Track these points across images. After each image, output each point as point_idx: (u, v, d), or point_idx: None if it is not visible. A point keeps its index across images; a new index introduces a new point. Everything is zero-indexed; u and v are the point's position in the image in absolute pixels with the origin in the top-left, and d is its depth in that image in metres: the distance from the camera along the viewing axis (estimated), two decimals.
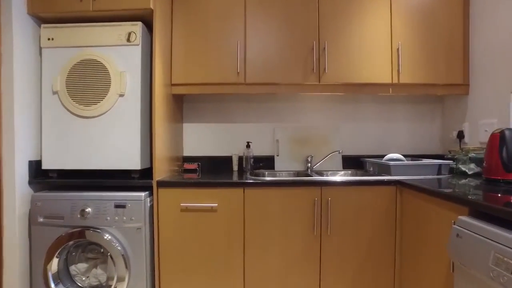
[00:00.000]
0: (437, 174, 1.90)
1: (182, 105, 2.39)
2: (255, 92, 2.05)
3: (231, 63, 2.04)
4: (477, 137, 2.05)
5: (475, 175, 1.88)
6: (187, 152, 2.40)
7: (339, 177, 1.92)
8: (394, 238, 1.78)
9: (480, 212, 1.18)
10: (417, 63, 2.07)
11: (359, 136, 2.38)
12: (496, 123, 1.91)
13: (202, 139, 2.40)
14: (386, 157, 2.11)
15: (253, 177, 1.87)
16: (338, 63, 2.04)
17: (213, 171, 2.25)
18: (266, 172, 2.23)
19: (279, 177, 2.16)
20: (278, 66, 2.05)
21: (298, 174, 2.22)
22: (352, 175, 2.22)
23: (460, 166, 1.95)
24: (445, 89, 2.12)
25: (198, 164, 2.25)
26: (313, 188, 1.75)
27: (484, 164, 1.62)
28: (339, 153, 2.20)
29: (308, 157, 2.25)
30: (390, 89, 2.08)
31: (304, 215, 1.76)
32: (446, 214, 1.34)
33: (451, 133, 2.28)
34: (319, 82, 2.03)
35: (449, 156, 2.09)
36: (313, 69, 2.03)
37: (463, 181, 1.68)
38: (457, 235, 1.16)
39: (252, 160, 2.28)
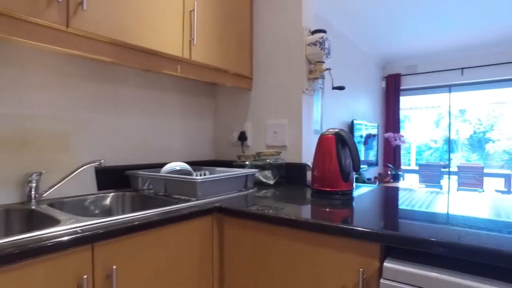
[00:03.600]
0: (244, 188, 1.44)
1: None
2: None
3: None
4: (264, 139, 1.79)
5: (277, 185, 1.58)
6: None
7: (127, 217, 1.01)
8: None
9: (396, 251, 0.79)
10: (211, 40, 1.52)
11: (119, 137, 1.49)
12: (286, 124, 1.71)
13: None
14: (167, 168, 1.40)
15: None
16: (110, 4, 1.11)
17: None
18: None
19: None
20: None
21: (9, 219, 1.04)
22: (136, 204, 1.33)
23: (257, 175, 1.60)
24: (234, 79, 1.71)
25: None
26: (73, 254, 0.77)
27: (315, 172, 1.32)
28: (100, 165, 1.24)
29: (30, 177, 1.12)
30: (179, 67, 1.40)
31: None
32: (342, 259, 0.88)
33: (231, 135, 1.91)
34: (68, 26, 1.01)
35: (239, 163, 1.69)
36: None
37: (285, 194, 1.31)
38: None
39: None
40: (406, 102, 5.79)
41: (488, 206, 1.11)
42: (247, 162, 1.66)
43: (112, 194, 1.32)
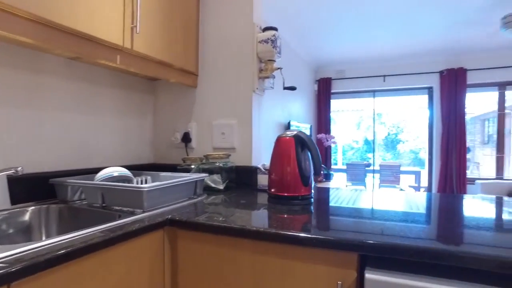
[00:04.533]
0: (194, 195, 1.30)
1: None
2: None
3: None
4: (211, 140, 1.66)
5: (228, 190, 1.47)
6: None
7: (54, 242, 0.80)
8: None
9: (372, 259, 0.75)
10: (155, 30, 1.35)
11: (42, 138, 1.23)
12: (235, 124, 1.61)
13: None
14: (103, 175, 1.20)
15: None
16: None
17: None
18: None
19: None
20: None
21: None
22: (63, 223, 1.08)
23: (205, 180, 1.47)
24: (179, 75, 1.55)
25: None
26: None
27: (272, 176, 1.24)
28: (16, 173, 0.98)
29: None
30: (118, 58, 1.20)
31: None
32: (318, 271, 0.81)
33: (174, 136, 1.74)
34: None
35: (184, 167, 1.54)
36: None
37: (243, 202, 1.21)
38: None
39: None
40: (332, 105, 6.10)
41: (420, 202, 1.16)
42: (193, 166, 1.52)
43: (33, 208, 1.07)
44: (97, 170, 1.26)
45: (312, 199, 1.25)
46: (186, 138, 1.69)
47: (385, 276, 0.71)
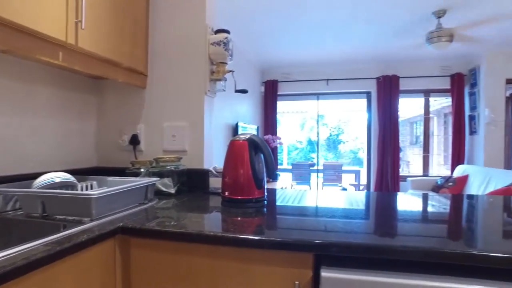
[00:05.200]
0: (145, 200, 1.25)
1: None
2: None
3: None
4: (161, 143, 1.61)
5: (179, 194, 1.44)
6: None
7: None
8: None
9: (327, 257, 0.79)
10: (102, 26, 1.27)
11: None
12: (187, 126, 1.58)
13: None
14: (42, 181, 1.10)
15: None
16: None
17: None
18: None
19: None
20: None
21: None
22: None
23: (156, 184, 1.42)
24: (127, 74, 1.48)
25: None
26: None
27: (226, 179, 1.23)
28: None
29: None
30: (61, 54, 1.11)
31: None
32: (275, 273, 0.82)
33: (121, 138, 1.65)
34: None
35: (133, 170, 1.47)
36: None
37: (196, 204, 1.19)
38: None
39: None
40: (278, 106, 6.26)
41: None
42: (142, 170, 1.46)
43: None
44: (33, 175, 1.16)
45: (266, 201, 1.27)
46: (135, 141, 1.62)
47: (339, 274, 0.75)
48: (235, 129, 4.22)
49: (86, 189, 1.31)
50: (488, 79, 4.67)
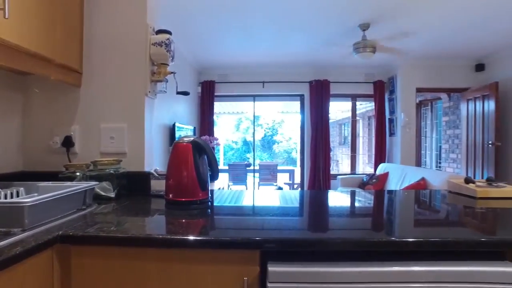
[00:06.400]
0: (84, 206, 1.18)
1: None
2: None
3: None
4: (98, 145, 1.54)
5: (120, 198, 1.39)
6: None
7: None
8: None
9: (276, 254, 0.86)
10: (30, 16, 1.17)
11: None
12: (126, 128, 1.53)
13: None
14: None
15: None
16: None
17: None
18: None
19: None
20: None
21: None
22: None
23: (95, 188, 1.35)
24: (60, 72, 1.38)
25: None
26: None
27: (170, 182, 1.23)
28: None
29: None
30: None
31: None
32: (224, 271, 0.86)
33: (52, 139, 1.53)
34: None
35: (67, 174, 1.38)
36: None
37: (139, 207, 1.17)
38: None
39: None
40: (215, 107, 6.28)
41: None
42: (78, 173, 1.38)
43: None
44: None
45: (210, 203, 1.30)
46: (68, 143, 1.52)
47: (284, 267, 0.81)
48: (172, 130, 4.14)
49: (12, 197, 1.20)
50: (403, 87, 5.27)
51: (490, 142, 4.52)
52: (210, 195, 1.31)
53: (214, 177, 1.26)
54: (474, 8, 3.23)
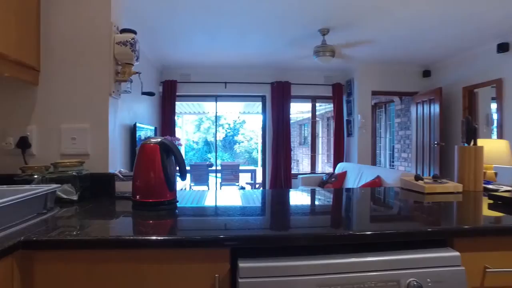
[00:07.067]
0: (45, 209, 1.14)
1: None
2: None
3: None
4: (58, 146, 1.48)
5: (83, 201, 1.35)
6: None
7: None
8: None
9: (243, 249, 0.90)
10: None
11: None
12: (89, 128, 1.49)
13: None
14: None
15: None
16: None
17: None
18: None
19: None
20: None
21: None
22: None
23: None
24: (15, 68, 1.31)
25: None
26: None
27: (137, 183, 1.22)
28: None
29: None
30: None
31: None
32: (196, 269, 0.88)
33: (5, 140, 1.44)
34: None
35: (24, 177, 1.31)
36: None
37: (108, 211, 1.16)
38: None
39: None
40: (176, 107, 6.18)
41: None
42: (35, 176, 1.33)
43: None
44: None
45: (178, 203, 1.31)
46: (24, 144, 1.44)
47: (253, 263, 0.86)
48: (133, 130, 4.03)
49: None
50: (359, 90, 5.55)
51: (435, 142, 4.92)
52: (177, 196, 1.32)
53: (182, 177, 1.27)
54: (422, 19, 3.50)
